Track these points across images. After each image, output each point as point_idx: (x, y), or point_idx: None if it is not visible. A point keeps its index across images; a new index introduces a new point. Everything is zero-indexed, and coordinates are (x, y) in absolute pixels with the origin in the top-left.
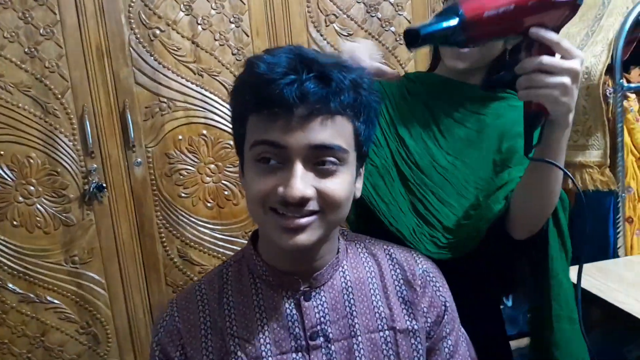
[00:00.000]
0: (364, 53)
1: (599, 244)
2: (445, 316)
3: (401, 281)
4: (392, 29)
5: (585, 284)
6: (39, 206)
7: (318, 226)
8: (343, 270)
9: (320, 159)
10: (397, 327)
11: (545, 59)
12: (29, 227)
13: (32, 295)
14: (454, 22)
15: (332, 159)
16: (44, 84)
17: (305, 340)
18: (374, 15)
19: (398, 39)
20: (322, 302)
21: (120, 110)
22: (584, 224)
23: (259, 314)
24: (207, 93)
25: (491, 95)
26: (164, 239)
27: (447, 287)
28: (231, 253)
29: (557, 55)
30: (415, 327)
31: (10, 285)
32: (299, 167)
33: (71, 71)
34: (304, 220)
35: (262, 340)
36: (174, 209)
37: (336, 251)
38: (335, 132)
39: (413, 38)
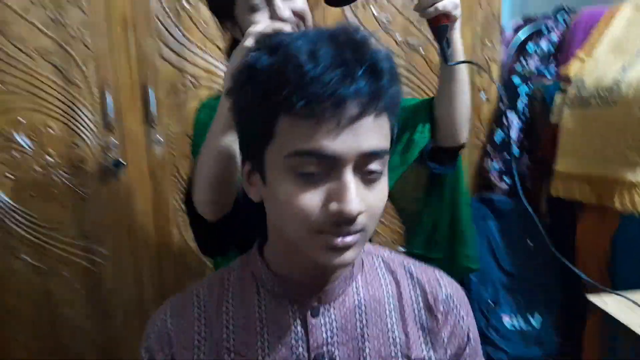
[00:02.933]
0: None
1: None
2: (467, 348)
3: (421, 305)
4: None
5: (622, 317)
6: (55, 177)
7: (361, 242)
8: (357, 286)
9: (368, 169)
10: (413, 356)
11: None
12: (45, 198)
13: (43, 267)
14: None
15: (378, 166)
16: (67, 52)
17: None
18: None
19: None
20: (330, 321)
21: (142, 83)
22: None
23: (260, 327)
24: None
25: None
26: (180, 223)
27: (472, 315)
28: None
29: None
30: (433, 358)
31: (23, 255)
32: (350, 178)
33: (94, 40)
34: (350, 239)
35: (260, 358)
36: None
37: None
38: (382, 133)
39: None
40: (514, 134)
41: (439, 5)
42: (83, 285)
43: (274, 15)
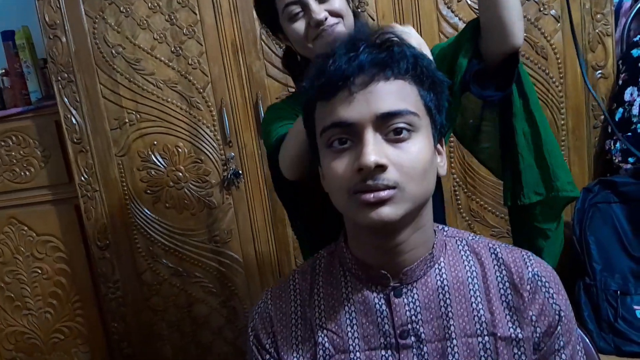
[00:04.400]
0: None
1: None
2: (559, 327)
3: (507, 284)
4: None
5: None
6: (186, 190)
7: (401, 200)
8: (439, 267)
9: (391, 128)
10: (499, 334)
11: None
12: (178, 209)
13: (181, 269)
14: None
15: (402, 124)
16: (188, 80)
17: (395, 338)
18: None
19: (542, 9)
20: (413, 300)
21: (253, 101)
22: None
23: (348, 307)
24: None
25: None
26: None
27: (564, 295)
28: None
29: None
30: (520, 336)
31: (164, 260)
32: (369, 136)
33: (210, 67)
34: (384, 193)
35: (350, 334)
36: None
37: (431, 246)
38: (399, 96)
39: None
40: (635, 109)
41: None
42: (215, 285)
43: (311, 20)
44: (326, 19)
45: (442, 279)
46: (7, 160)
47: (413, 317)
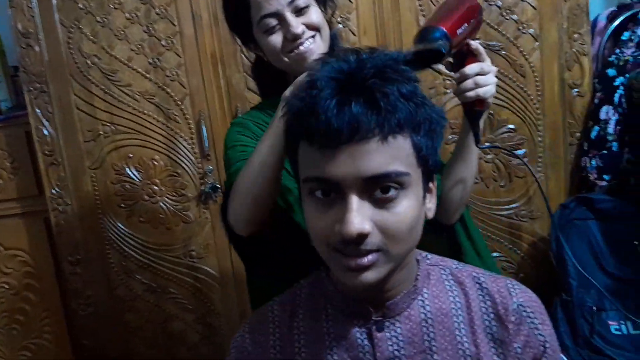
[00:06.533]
0: None
1: None
2: (544, 358)
3: (491, 315)
4: (514, 17)
5: None
6: (162, 204)
7: (384, 262)
8: (422, 299)
9: (377, 187)
10: None
11: (484, 64)
12: (153, 224)
13: (155, 285)
14: (445, 42)
15: (390, 184)
16: (166, 92)
17: None
18: (492, 3)
19: (521, 28)
20: (396, 334)
21: (233, 114)
22: None
23: (329, 341)
24: None
25: None
26: None
27: (549, 324)
28: None
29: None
30: None
31: (138, 275)
32: (354, 201)
33: (189, 79)
34: (365, 260)
35: None
36: None
37: (414, 278)
38: (389, 156)
39: (438, 56)
40: (611, 128)
41: (480, 92)
42: (190, 301)
43: (288, 34)
44: (303, 32)
45: (425, 312)
46: None
47: (396, 352)
